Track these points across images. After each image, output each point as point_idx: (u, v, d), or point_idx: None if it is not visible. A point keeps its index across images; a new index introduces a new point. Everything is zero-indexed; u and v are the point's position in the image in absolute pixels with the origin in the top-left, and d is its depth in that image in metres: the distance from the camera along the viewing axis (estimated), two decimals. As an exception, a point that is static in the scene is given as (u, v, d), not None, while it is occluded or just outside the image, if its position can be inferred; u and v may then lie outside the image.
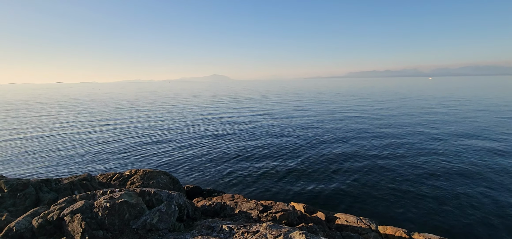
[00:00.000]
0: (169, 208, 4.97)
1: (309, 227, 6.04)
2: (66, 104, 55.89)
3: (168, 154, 17.83)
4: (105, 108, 47.46)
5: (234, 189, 12.32)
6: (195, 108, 45.51)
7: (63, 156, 17.78)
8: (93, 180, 8.05)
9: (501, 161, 14.94)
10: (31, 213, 4.68)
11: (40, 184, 6.85)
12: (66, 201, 4.94)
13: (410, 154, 16.67)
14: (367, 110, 38.39)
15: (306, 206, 8.52)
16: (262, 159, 16.36)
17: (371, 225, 7.24)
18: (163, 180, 9.94)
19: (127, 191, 5.15)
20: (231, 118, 33.05)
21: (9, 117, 36.70)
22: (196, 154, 17.76)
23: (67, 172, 15.04)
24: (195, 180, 13.57)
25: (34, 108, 49.09)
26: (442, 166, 14.40)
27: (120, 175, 9.83)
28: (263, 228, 4.65)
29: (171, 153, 18.14)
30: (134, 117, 35.20)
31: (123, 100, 65.40)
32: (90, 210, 4.52)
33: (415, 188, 11.89)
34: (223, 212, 6.77)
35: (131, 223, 4.54)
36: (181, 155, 17.52)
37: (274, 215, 6.63)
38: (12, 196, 6.28)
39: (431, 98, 55.92)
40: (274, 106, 45.98)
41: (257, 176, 13.84)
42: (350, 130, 24.48)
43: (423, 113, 34.18)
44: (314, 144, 19.54)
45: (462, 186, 11.91)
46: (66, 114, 39.08)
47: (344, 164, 15.24)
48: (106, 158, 17.42)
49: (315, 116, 33.82)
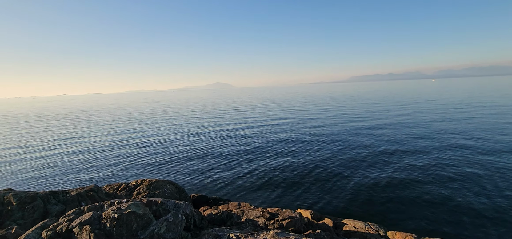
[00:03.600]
0: (176, 217, 4.97)
1: (317, 234, 5.99)
2: (71, 117, 56.51)
3: (173, 163, 17.87)
4: (109, 118, 47.94)
5: (240, 197, 12.26)
6: (199, 117, 45.70)
7: (70, 167, 17.93)
8: (99, 191, 8.10)
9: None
10: (40, 225, 4.71)
11: (48, 196, 6.91)
12: (74, 212, 4.97)
13: (421, 159, 16.45)
14: (370, 114, 38.22)
15: (313, 213, 8.45)
16: (267, 167, 16.30)
17: (380, 230, 7.15)
18: (169, 190, 9.95)
19: (134, 201, 5.17)
20: (234, 127, 33.11)
21: (18, 130, 37.22)
22: (201, 162, 17.77)
23: (73, 183, 15.15)
24: (201, 188, 13.55)
25: (42, 120, 49.75)
26: (456, 172, 14.15)
27: (126, 185, 9.87)
28: (270, 236, 4.62)
29: (176, 162, 18.18)
30: (138, 127, 35.45)
31: (129, 111, 65.96)
32: (98, 221, 4.54)
33: (426, 193, 11.71)
34: (230, 221, 6.75)
35: (139, 233, 4.55)
36: (186, 164, 17.54)
37: (281, 223, 6.59)
38: (20, 209, 6.33)
39: (437, 100, 55.51)
40: (277, 114, 45.98)
41: (263, 183, 13.77)
42: (356, 135, 24.35)
43: (429, 116, 33.90)
44: (320, 151, 19.44)
45: (475, 194, 11.74)
46: (70, 126, 39.51)
47: (352, 169, 15.12)
48: (111, 169, 17.51)
49: (321, 122, 33.72)
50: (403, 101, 56.30)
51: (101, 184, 13.08)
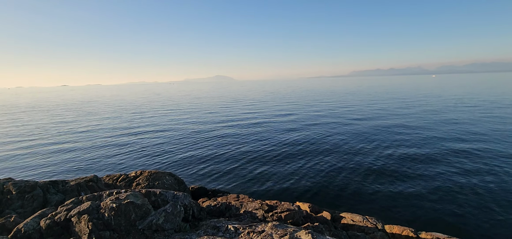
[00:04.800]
0: (174, 208, 4.98)
1: (315, 227, 6.02)
2: (72, 107, 56.54)
3: (172, 155, 17.91)
4: (109, 109, 47.96)
5: (239, 190, 12.31)
6: (199, 109, 45.67)
7: (70, 158, 17.99)
8: (99, 181, 8.12)
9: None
10: (39, 214, 4.73)
11: (48, 186, 6.93)
12: (73, 202, 4.98)
13: (419, 152, 16.50)
14: (368, 109, 38.15)
15: (312, 206, 8.47)
16: (266, 159, 16.34)
17: (378, 224, 7.18)
18: (168, 181, 9.98)
19: (133, 192, 5.17)
20: (234, 119, 33.12)
21: (17, 120, 37.29)
22: (201, 154, 17.81)
23: (73, 173, 15.21)
24: (200, 180, 13.61)
25: (43, 110, 49.79)
26: (456, 165, 14.20)
27: (125, 176, 9.89)
28: (269, 227, 4.64)
29: (175, 153, 18.22)
30: (139, 119, 35.46)
31: (130, 103, 65.95)
32: (97, 211, 4.56)
33: (423, 186, 11.77)
34: (229, 212, 6.77)
35: (137, 223, 4.57)
36: (185, 156, 17.59)
37: (279, 215, 6.61)
38: (20, 198, 6.36)
39: (436, 95, 55.40)
40: (278, 106, 45.94)
41: (261, 176, 13.82)
42: (356, 129, 24.35)
43: (426, 112, 33.85)
44: (319, 144, 19.46)
45: (475, 184, 11.78)
46: (69, 116, 39.54)
47: (350, 163, 15.15)
48: (111, 160, 17.56)
49: (321, 115, 33.71)
50: (399, 96, 56.21)
51: (100, 174, 13.12)
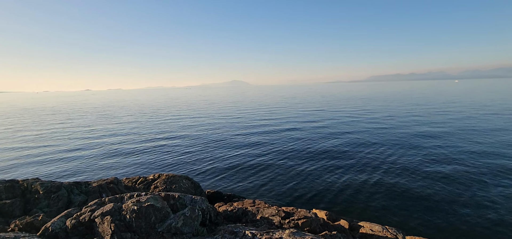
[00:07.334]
0: (193, 212, 5.04)
1: (333, 236, 5.89)
2: (95, 111, 58.80)
3: (188, 159, 18.18)
4: (130, 113, 49.47)
5: (254, 195, 12.28)
6: (216, 114, 46.19)
7: (90, 160, 18.67)
8: (119, 183, 8.37)
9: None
10: (65, 214, 4.93)
11: (72, 187, 7.22)
12: (96, 203, 5.16)
13: (445, 162, 15.85)
14: (390, 116, 37.15)
15: (329, 214, 8.33)
16: (280, 165, 16.24)
17: (398, 235, 6.94)
18: (185, 185, 10.13)
19: (153, 195, 5.29)
20: (250, 125, 33.22)
21: (46, 122, 39.21)
22: (216, 159, 17.96)
23: (94, 175, 15.75)
24: (215, 185, 13.71)
25: (70, 114, 52.14)
26: (481, 178, 13.56)
27: (144, 179, 10.14)
28: (286, 235, 4.59)
29: (191, 157, 18.48)
30: (158, 123, 36.32)
31: (149, 107, 67.78)
32: (119, 213, 4.69)
33: (448, 198, 11.27)
34: (245, 218, 6.77)
35: (157, 226, 4.65)
36: (201, 160, 17.80)
37: (296, 222, 6.53)
38: (46, 197, 6.66)
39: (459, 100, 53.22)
40: (293, 112, 45.63)
41: (277, 181, 13.74)
42: (374, 137, 23.77)
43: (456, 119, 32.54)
44: (335, 150, 19.14)
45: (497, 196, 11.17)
46: (91, 120, 41.09)
47: (369, 171, 14.79)
48: (129, 162, 18.06)
49: (336, 122, 33.18)
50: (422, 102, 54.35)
51: (120, 176, 13.52)
